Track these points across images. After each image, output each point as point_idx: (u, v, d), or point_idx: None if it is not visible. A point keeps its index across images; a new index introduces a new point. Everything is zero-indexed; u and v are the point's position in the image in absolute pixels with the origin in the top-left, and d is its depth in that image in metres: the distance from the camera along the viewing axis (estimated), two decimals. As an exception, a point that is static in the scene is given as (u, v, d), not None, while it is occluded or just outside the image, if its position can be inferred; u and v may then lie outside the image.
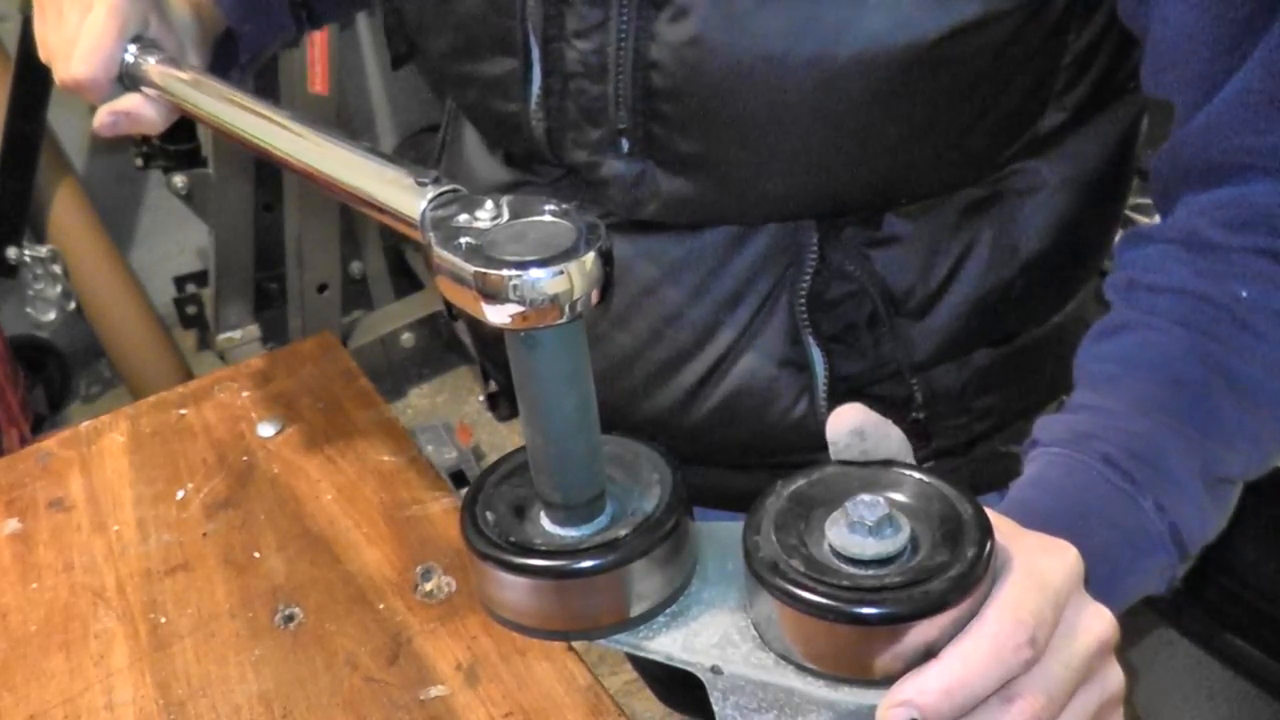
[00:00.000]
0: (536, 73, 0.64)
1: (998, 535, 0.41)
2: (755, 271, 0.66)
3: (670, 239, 0.67)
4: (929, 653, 0.39)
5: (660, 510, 0.45)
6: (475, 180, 0.76)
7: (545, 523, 0.46)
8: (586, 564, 0.43)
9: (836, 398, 0.68)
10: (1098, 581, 0.45)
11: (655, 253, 0.67)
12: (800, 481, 0.44)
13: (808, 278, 0.65)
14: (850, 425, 0.44)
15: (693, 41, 0.57)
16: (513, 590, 0.45)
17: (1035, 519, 0.45)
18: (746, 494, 0.45)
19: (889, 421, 0.45)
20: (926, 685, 0.38)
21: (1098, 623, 0.41)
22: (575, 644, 0.66)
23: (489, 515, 0.46)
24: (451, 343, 2.43)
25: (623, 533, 0.44)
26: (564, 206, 0.41)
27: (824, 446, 0.45)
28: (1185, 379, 0.51)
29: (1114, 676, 0.42)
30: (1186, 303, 0.52)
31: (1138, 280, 0.55)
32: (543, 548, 0.44)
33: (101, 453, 0.87)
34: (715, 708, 0.42)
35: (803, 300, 0.66)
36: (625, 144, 0.63)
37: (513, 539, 0.45)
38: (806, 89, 0.57)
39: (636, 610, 0.45)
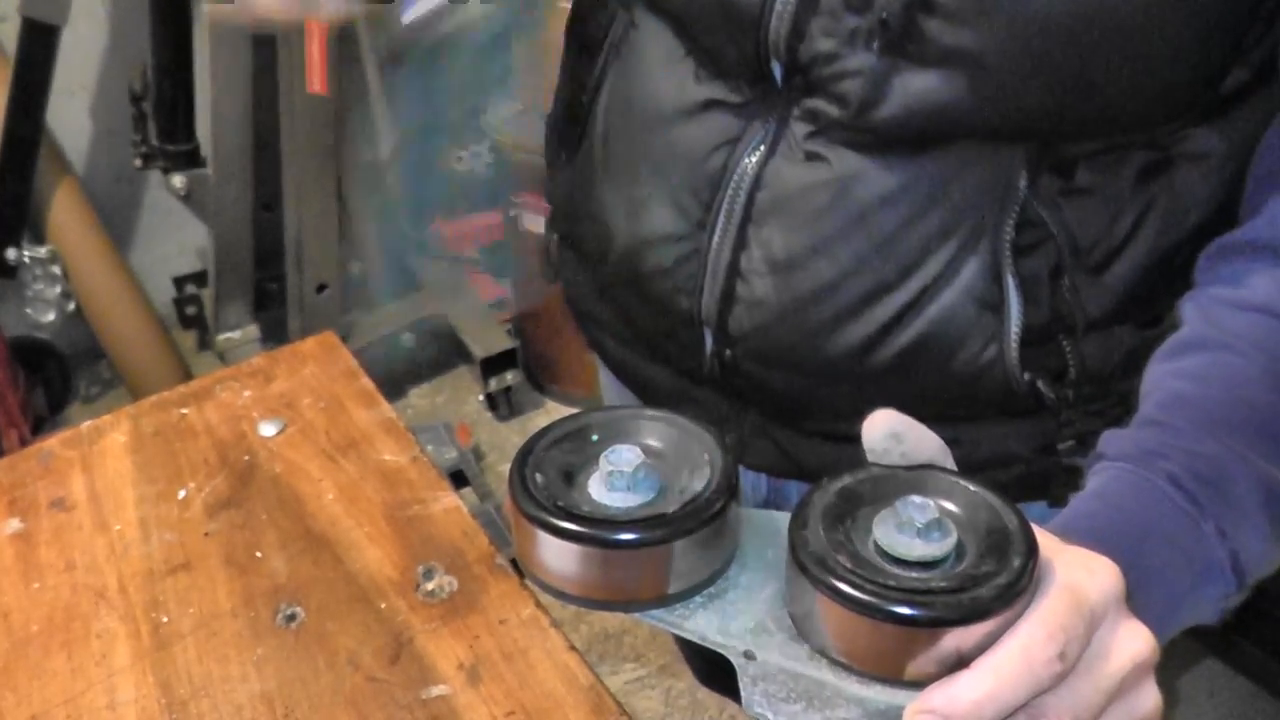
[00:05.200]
0: None
1: (1039, 549, 0.40)
2: (968, 205, 0.63)
3: (893, 162, 0.63)
4: (961, 661, 0.39)
5: (709, 491, 0.45)
6: (658, 99, 0.71)
7: (593, 491, 0.47)
8: (629, 535, 0.44)
9: (1027, 344, 0.66)
10: (1154, 604, 0.44)
11: (875, 175, 0.64)
12: (847, 479, 0.44)
13: (1014, 216, 0.63)
14: (885, 428, 0.44)
15: None
16: (555, 554, 0.45)
17: (1097, 532, 0.44)
18: None
19: (924, 426, 0.44)
20: (958, 695, 0.38)
21: (1133, 642, 0.40)
22: (577, 644, 0.66)
23: (538, 478, 0.46)
24: (452, 342, 2.43)
25: (669, 508, 0.44)
26: None
27: (997, 403, 0.43)
28: (1257, 404, 0.49)
29: (1147, 698, 0.41)
30: (1265, 323, 0.50)
31: (1219, 296, 0.53)
32: (589, 515, 0.45)
33: (103, 452, 0.87)
34: (743, 694, 0.42)
35: (1009, 238, 0.63)
36: (879, 37, 0.59)
37: (560, 503, 0.45)
38: None
39: (675, 587, 0.45)
